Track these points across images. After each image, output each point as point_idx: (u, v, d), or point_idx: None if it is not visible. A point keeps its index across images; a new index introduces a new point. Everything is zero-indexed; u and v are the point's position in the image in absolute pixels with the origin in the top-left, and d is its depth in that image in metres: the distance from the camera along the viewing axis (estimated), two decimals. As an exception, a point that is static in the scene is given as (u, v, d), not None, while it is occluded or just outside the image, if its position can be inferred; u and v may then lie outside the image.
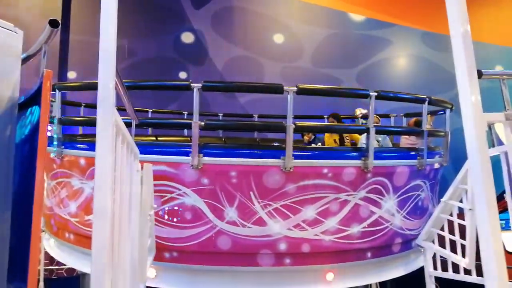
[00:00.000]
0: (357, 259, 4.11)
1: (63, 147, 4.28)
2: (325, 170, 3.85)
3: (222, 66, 10.19)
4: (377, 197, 4.06)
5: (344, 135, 6.01)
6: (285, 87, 3.85)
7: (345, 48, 10.80)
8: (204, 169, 3.71)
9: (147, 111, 7.11)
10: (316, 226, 3.84)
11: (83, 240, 4.16)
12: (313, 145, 6.29)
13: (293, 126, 3.81)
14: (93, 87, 1.79)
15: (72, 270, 6.41)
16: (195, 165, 3.68)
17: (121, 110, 2.51)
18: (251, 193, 3.73)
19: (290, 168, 3.71)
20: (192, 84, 3.79)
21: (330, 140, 6.06)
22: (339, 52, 10.78)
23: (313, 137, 6.75)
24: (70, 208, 4.31)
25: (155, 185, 3.40)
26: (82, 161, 4.16)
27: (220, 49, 10.24)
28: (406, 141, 6.14)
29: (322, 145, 6.24)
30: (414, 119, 6.39)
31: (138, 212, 2.45)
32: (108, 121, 1.60)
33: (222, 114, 7.62)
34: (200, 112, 3.88)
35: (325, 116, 7.22)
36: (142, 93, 7.12)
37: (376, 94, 4.08)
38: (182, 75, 9.95)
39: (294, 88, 3.84)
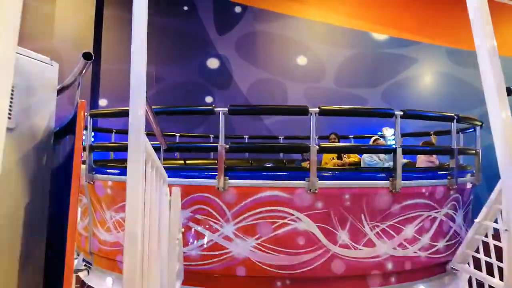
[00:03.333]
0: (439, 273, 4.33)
1: (94, 172, 4.43)
2: (423, 190, 4.08)
3: (247, 89, 10.34)
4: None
5: (343, 154, 5.97)
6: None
7: (369, 67, 10.78)
8: (320, 193, 3.76)
9: (174, 135, 7.28)
10: (415, 244, 4.06)
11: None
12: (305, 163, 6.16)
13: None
14: (124, 114, 1.87)
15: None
16: (312, 190, 3.73)
17: (150, 135, 2.61)
18: (362, 215, 3.82)
19: (398, 189, 3.83)
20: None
21: (328, 159, 6.05)
22: (363, 72, 10.77)
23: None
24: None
25: (265, 211, 3.60)
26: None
27: (244, 73, 10.43)
28: (425, 159, 5.93)
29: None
30: (424, 141, 6.26)
31: (166, 237, 2.48)
32: (139, 147, 1.66)
33: (247, 137, 7.71)
34: (226, 135, 3.96)
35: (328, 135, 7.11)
36: (169, 118, 7.33)
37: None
38: (208, 99, 10.15)
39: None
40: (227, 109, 3.88)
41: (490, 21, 2.10)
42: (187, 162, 7.11)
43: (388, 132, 8.39)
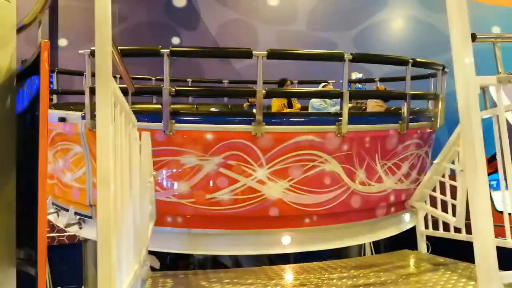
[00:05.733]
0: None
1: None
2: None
3: (216, 31, 10.01)
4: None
5: (292, 99, 6.02)
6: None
7: (341, 10, 10.59)
8: (348, 136, 3.99)
9: (150, 79, 7.02)
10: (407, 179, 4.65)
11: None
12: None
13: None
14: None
15: (73, 237, 6.55)
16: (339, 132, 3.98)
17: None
18: (376, 155, 4.22)
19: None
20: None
21: (279, 104, 6.12)
22: (335, 15, 10.59)
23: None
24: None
25: (297, 155, 3.78)
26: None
27: (213, 13, 10.02)
28: (375, 104, 6.08)
29: (268, 109, 6.11)
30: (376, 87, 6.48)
31: (138, 179, 2.51)
32: (107, 91, 1.63)
33: (191, 80, 7.41)
34: (171, 78, 3.95)
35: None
36: (130, 60, 6.97)
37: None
38: (175, 40, 9.78)
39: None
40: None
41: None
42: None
43: (354, 76, 8.50)
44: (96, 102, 1.57)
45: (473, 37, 2.04)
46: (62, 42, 9.20)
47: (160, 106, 4.00)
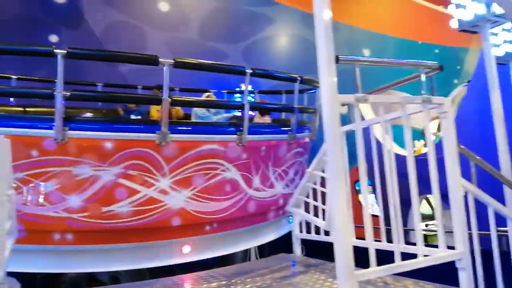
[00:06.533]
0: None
1: None
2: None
3: (101, 32, 9.42)
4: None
5: (172, 108, 6.16)
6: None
7: (231, 22, 10.89)
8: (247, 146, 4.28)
9: (9, 78, 6.24)
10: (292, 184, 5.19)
11: None
12: (132, 117, 6.11)
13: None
14: None
15: None
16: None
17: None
18: (269, 163, 4.66)
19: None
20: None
21: (157, 112, 6.03)
22: (225, 27, 10.84)
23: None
24: None
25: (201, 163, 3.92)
26: None
27: (98, 12, 9.43)
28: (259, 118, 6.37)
29: (143, 117, 6.13)
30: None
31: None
32: None
33: (102, 85, 6.98)
34: (74, 81, 3.63)
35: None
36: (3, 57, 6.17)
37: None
38: (53, 38, 8.93)
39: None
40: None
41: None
42: (27, 109, 6.22)
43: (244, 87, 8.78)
44: None
45: (337, 59, 2.27)
46: None
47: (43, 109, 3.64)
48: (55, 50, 3.44)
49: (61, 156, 3.60)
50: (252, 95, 8.77)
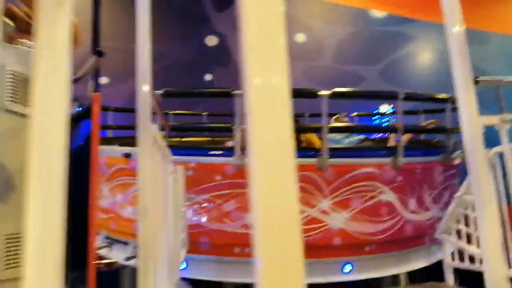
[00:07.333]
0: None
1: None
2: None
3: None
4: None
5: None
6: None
7: (366, 45, 10.85)
8: (402, 168, 4.30)
9: (200, 115, 7.47)
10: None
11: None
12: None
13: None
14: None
15: (111, 264, 6.83)
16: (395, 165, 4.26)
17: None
18: (424, 186, 4.60)
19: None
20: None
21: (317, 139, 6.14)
22: (360, 49, 10.85)
23: None
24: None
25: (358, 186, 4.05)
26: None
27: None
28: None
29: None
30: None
31: (172, 210, 2.75)
32: (147, 132, 1.90)
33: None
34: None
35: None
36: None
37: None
38: (207, 77, 10.26)
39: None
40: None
41: (459, 4, 2.11)
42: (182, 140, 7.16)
43: (384, 108, 8.62)
44: (139, 141, 1.82)
45: (476, 81, 2.21)
46: (104, 80, 9.87)
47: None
48: (232, 92, 3.93)
49: (239, 179, 4.05)
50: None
